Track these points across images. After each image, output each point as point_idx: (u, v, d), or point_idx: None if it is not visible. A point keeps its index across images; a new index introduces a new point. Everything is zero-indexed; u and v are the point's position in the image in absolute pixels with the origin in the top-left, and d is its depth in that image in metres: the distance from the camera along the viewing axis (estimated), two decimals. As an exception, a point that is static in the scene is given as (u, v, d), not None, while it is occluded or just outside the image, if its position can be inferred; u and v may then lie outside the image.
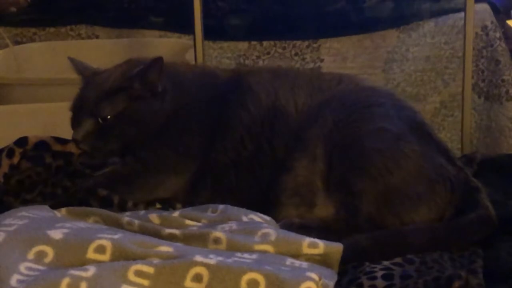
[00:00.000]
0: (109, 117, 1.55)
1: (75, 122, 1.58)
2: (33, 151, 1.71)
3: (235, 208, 1.42)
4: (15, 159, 1.66)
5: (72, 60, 1.70)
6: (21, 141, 1.72)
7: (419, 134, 1.51)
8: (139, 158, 1.59)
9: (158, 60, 1.58)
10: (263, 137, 1.57)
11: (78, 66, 1.69)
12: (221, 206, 1.42)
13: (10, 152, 1.69)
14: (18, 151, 1.68)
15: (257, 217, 1.39)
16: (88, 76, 1.65)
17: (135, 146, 1.59)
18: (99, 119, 1.55)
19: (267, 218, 1.40)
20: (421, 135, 1.51)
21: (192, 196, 1.57)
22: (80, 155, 1.69)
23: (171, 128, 1.60)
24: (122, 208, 1.47)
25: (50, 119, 2.06)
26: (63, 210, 1.34)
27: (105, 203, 1.48)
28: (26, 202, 1.53)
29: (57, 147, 1.73)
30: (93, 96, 1.58)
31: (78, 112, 1.59)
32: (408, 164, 1.46)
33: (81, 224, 1.24)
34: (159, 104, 1.59)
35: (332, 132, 1.51)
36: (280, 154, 1.55)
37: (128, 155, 1.60)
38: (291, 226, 1.40)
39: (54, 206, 1.37)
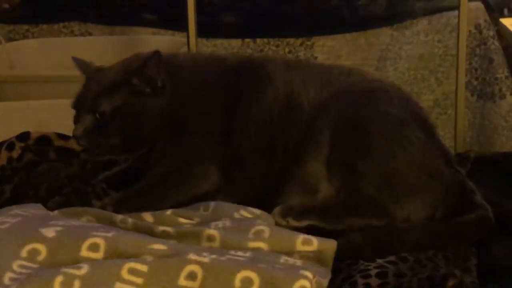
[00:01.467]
0: (106, 112, 1.54)
1: (76, 119, 1.58)
2: (36, 145, 1.70)
3: (226, 204, 1.42)
4: (15, 153, 1.65)
5: (75, 59, 1.69)
6: (23, 136, 1.71)
7: (422, 125, 1.51)
8: (173, 156, 1.57)
9: (156, 54, 1.56)
10: (278, 126, 1.56)
11: (81, 64, 1.68)
12: (212, 203, 1.42)
13: (10, 146, 1.68)
14: (18, 145, 1.67)
15: (247, 212, 1.38)
16: (90, 73, 1.65)
17: (136, 143, 1.59)
18: (97, 115, 1.55)
19: (258, 212, 1.40)
20: (424, 128, 1.51)
21: (229, 188, 1.55)
22: (82, 151, 1.68)
23: (188, 119, 1.59)
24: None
25: (43, 116, 2.06)
26: (56, 211, 1.34)
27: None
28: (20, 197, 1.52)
29: (59, 143, 1.73)
30: (93, 92, 1.57)
31: (78, 108, 1.58)
32: (412, 150, 1.45)
33: (75, 222, 1.24)
34: (160, 99, 1.58)
35: (337, 119, 1.50)
36: (291, 145, 1.54)
37: (157, 160, 1.58)
38: (291, 210, 1.40)
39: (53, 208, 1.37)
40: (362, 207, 1.42)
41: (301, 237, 1.24)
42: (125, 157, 1.63)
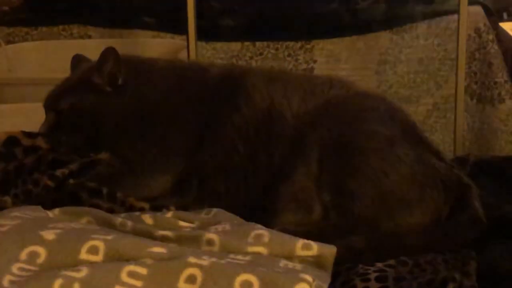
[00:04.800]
0: (64, 109, 1.55)
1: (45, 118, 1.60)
2: (3, 147, 1.69)
3: (228, 213, 1.41)
4: None
5: (76, 57, 1.70)
6: None
7: (411, 137, 1.51)
8: (124, 157, 1.57)
9: (110, 50, 1.56)
10: (259, 142, 1.55)
11: (76, 64, 1.69)
12: (214, 210, 1.42)
13: None
14: None
15: None
16: (71, 72, 1.67)
17: (98, 141, 1.58)
18: (55, 112, 1.55)
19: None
20: (413, 138, 1.51)
21: (178, 197, 1.55)
22: (49, 149, 1.66)
23: (154, 125, 1.58)
24: (112, 200, 1.46)
25: (41, 118, 2.06)
26: (56, 210, 1.33)
27: (95, 195, 1.47)
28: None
29: (26, 142, 1.71)
30: (58, 90, 1.60)
31: (45, 106, 1.61)
32: (402, 167, 1.45)
33: (74, 225, 1.23)
34: (121, 99, 1.57)
35: (325, 137, 1.50)
36: (277, 160, 1.53)
37: (113, 155, 1.59)
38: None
39: (44, 200, 1.36)
40: (356, 228, 1.40)
41: (301, 242, 1.24)
42: (90, 156, 1.62)
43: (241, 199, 1.54)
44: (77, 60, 1.71)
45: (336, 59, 2.95)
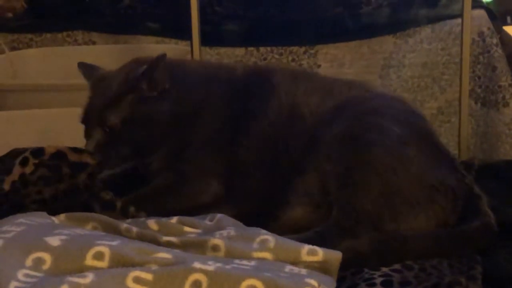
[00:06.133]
0: (116, 124, 1.53)
1: (86, 133, 1.57)
2: (50, 160, 1.67)
3: (231, 219, 1.41)
4: (28, 169, 1.62)
5: (81, 65, 1.68)
6: (37, 151, 1.66)
7: (425, 141, 1.49)
8: (174, 169, 1.57)
9: (163, 56, 1.55)
10: (280, 138, 1.56)
11: (87, 71, 1.67)
12: (219, 215, 1.42)
13: (24, 161, 1.63)
14: (32, 161, 1.64)
15: None
16: (95, 82, 1.63)
17: (148, 150, 1.58)
18: (106, 128, 1.54)
19: None
20: (427, 143, 1.49)
21: (229, 200, 1.55)
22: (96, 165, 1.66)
23: (194, 129, 1.58)
24: (125, 213, 1.46)
25: (46, 125, 2.06)
26: (62, 215, 1.33)
27: (108, 208, 1.46)
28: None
29: (73, 157, 1.69)
30: (99, 104, 1.56)
31: (87, 122, 1.57)
32: (411, 168, 1.43)
33: (79, 231, 1.24)
34: (166, 102, 1.57)
35: (338, 132, 1.49)
36: (295, 156, 1.54)
37: (159, 170, 1.58)
38: None
39: (56, 209, 1.36)
40: (357, 226, 1.39)
41: (306, 247, 1.24)
42: (136, 164, 1.62)
43: (267, 194, 1.54)
44: (88, 68, 1.69)
45: (340, 64, 2.96)
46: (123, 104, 1.54)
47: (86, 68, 1.68)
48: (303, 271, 1.19)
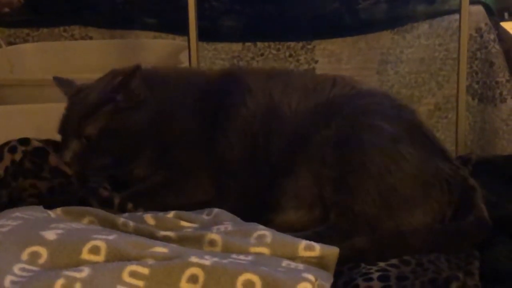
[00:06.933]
0: (92, 135, 1.54)
1: (63, 144, 1.58)
2: (33, 156, 1.66)
3: (229, 214, 1.41)
4: (17, 156, 1.63)
5: (57, 79, 1.69)
6: (23, 141, 1.67)
7: (416, 135, 1.50)
8: (169, 167, 1.58)
9: (138, 67, 1.57)
10: (260, 135, 1.56)
11: (63, 85, 1.69)
12: (216, 210, 1.42)
13: (12, 148, 1.64)
14: (20, 148, 1.64)
15: None
16: (72, 95, 1.64)
17: (127, 158, 1.58)
18: (83, 139, 1.54)
19: None
20: (418, 137, 1.50)
21: (221, 199, 1.54)
22: (74, 174, 1.65)
23: (174, 133, 1.59)
24: (122, 210, 1.46)
25: (43, 120, 2.05)
26: (58, 210, 1.33)
27: (106, 204, 1.46)
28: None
29: (54, 162, 1.67)
30: (77, 115, 1.57)
31: (64, 133, 1.58)
32: (405, 166, 1.44)
33: (76, 225, 1.23)
34: (143, 112, 1.58)
35: (329, 135, 1.49)
36: (277, 156, 1.54)
37: (153, 170, 1.59)
38: None
39: (53, 204, 1.36)
40: (356, 228, 1.40)
41: (303, 242, 1.24)
42: (116, 172, 1.62)
43: (250, 195, 1.54)
44: (64, 83, 1.69)
45: (337, 59, 2.96)
46: (100, 115, 1.55)
47: (62, 82, 1.70)
48: (300, 266, 1.19)
